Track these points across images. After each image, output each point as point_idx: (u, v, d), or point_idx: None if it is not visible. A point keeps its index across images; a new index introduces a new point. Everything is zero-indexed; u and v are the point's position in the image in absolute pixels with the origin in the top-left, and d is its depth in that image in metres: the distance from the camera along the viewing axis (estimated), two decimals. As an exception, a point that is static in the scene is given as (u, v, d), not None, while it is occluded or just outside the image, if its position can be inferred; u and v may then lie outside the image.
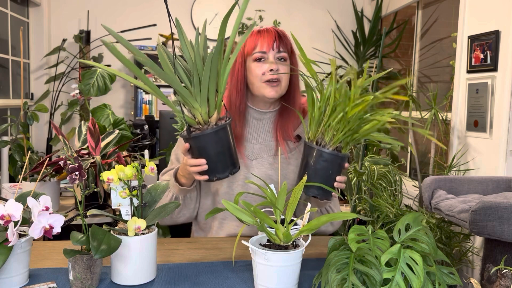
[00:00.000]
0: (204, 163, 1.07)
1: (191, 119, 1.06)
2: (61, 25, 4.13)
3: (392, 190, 2.69)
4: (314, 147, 1.08)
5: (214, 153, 1.06)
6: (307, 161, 1.10)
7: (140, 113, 4.22)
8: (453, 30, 2.91)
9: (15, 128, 2.23)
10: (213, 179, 1.09)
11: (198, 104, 1.03)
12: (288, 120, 1.34)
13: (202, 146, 1.06)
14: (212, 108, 1.05)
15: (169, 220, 1.34)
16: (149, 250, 0.95)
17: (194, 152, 1.09)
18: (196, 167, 1.08)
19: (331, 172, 1.09)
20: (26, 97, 3.93)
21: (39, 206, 0.88)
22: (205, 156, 1.07)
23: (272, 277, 0.88)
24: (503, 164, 2.37)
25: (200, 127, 1.06)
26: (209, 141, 1.05)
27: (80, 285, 0.90)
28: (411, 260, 0.82)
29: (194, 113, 1.06)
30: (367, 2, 4.52)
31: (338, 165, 1.09)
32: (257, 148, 1.35)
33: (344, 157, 1.10)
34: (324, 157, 1.07)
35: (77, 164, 0.92)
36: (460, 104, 2.75)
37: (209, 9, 4.36)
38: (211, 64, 0.97)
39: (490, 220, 1.57)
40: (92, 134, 1.55)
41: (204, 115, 1.05)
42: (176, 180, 1.28)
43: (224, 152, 1.07)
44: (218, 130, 1.05)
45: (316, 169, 1.08)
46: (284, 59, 1.29)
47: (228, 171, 1.09)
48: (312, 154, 1.08)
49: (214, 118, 1.06)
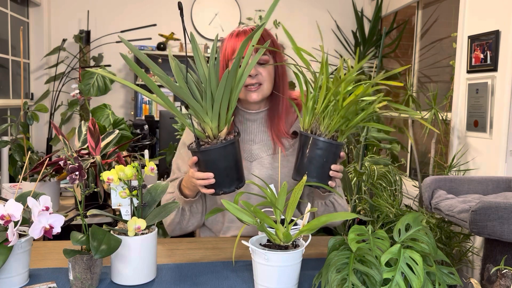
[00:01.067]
0: (211, 176, 1.07)
1: (201, 133, 1.07)
2: (61, 25, 4.13)
3: (392, 190, 2.69)
4: (308, 135, 1.09)
5: (222, 167, 1.06)
6: (303, 151, 1.11)
7: (140, 113, 4.22)
8: (453, 30, 2.91)
9: (15, 128, 2.23)
10: (219, 193, 1.09)
11: (209, 119, 1.04)
12: (278, 117, 1.33)
13: (210, 160, 1.06)
14: (222, 123, 1.06)
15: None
16: (149, 250, 0.95)
17: (202, 165, 1.09)
18: (203, 181, 1.08)
19: (325, 160, 1.09)
20: (26, 97, 3.93)
21: (39, 206, 0.88)
22: (212, 170, 1.07)
23: (272, 277, 0.88)
24: (503, 164, 2.37)
25: (209, 141, 1.06)
26: (218, 155, 1.05)
27: (80, 285, 0.90)
28: (411, 260, 0.82)
29: (204, 127, 1.06)
30: (367, 2, 4.52)
31: (333, 153, 1.10)
32: (256, 148, 1.35)
33: (339, 145, 1.10)
34: (319, 145, 1.08)
35: (77, 164, 0.92)
36: (460, 104, 2.75)
37: (209, 9, 4.36)
38: (226, 81, 0.98)
39: (490, 220, 1.57)
40: (92, 134, 1.55)
41: (214, 129, 1.05)
42: (180, 191, 1.27)
43: (231, 167, 1.07)
44: (227, 145, 1.05)
45: (310, 157, 1.09)
46: (264, 62, 1.28)
47: (234, 185, 1.09)
48: (307, 143, 1.10)
49: (224, 133, 1.06)
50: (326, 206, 1.30)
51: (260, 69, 1.27)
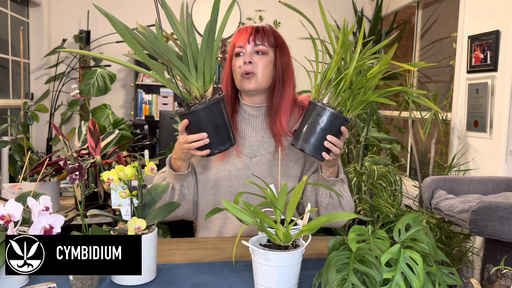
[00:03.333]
0: (205, 136, 1.09)
1: (187, 95, 1.08)
2: (61, 25, 4.13)
3: (392, 190, 2.69)
4: (314, 102, 1.12)
5: (214, 125, 1.09)
6: (305, 118, 1.14)
7: (140, 113, 4.22)
8: (453, 30, 2.91)
9: (15, 128, 2.23)
10: (214, 152, 1.11)
11: (194, 79, 1.06)
12: (277, 114, 1.34)
13: (201, 119, 1.08)
14: (207, 82, 1.08)
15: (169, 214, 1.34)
16: (149, 250, 0.95)
17: (193, 127, 1.10)
18: (197, 142, 1.10)
19: (325, 130, 1.10)
20: (26, 97, 3.93)
21: (39, 206, 0.88)
22: (204, 130, 1.09)
23: (272, 277, 0.88)
24: (503, 164, 2.37)
25: (197, 101, 1.08)
26: (208, 113, 1.07)
27: (80, 285, 0.90)
28: (411, 260, 0.82)
29: (190, 87, 1.08)
30: (367, 2, 4.52)
31: (335, 126, 1.11)
32: (256, 145, 1.35)
33: (342, 118, 1.11)
34: (321, 113, 1.10)
35: (77, 164, 0.92)
36: (460, 104, 2.75)
37: (209, 9, 4.35)
38: (208, 34, 1.00)
39: (490, 220, 1.57)
40: (92, 134, 1.55)
41: (201, 89, 1.07)
42: (171, 167, 1.28)
43: (222, 125, 1.10)
44: (215, 103, 1.07)
45: (311, 124, 1.11)
46: (262, 52, 1.32)
47: (228, 142, 1.12)
48: (311, 111, 1.12)
49: (210, 92, 1.08)
50: (331, 199, 1.29)
51: (256, 58, 1.31)
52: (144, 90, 4.24)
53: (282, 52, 1.35)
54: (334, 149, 1.13)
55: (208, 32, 1.00)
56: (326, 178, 1.24)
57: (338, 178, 1.27)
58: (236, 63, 1.33)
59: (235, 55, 1.34)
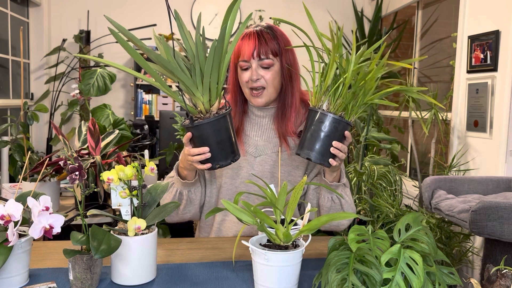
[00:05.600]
0: (207, 150, 1.09)
1: (193, 108, 1.08)
2: (61, 25, 4.13)
3: (392, 190, 2.69)
4: (314, 109, 1.11)
5: (217, 140, 1.08)
6: (307, 125, 1.13)
7: (140, 113, 4.22)
8: (453, 30, 2.91)
9: (15, 128, 2.23)
10: (215, 167, 1.11)
11: (200, 93, 1.05)
12: (286, 117, 1.34)
13: (204, 134, 1.08)
14: (213, 97, 1.07)
15: (176, 217, 1.35)
16: (149, 250, 0.95)
17: (196, 141, 1.10)
18: (199, 156, 1.10)
19: (328, 136, 1.10)
20: (26, 97, 3.93)
21: (39, 206, 0.88)
22: (207, 144, 1.09)
23: (272, 277, 0.88)
24: (503, 164, 2.37)
25: (201, 116, 1.08)
26: (211, 129, 1.07)
27: (80, 285, 0.90)
28: (411, 260, 0.82)
29: (195, 102, 1.07)
30: (367, 2, 4.52)
31: (338, 131, 1.11)
32: (261, 145, 1.36)
33: (344, 123, 1.11)
34: (323, 120, 1.10)
35: (77, 164, 0.92)
36: (460, 104, 2.75)
37: (209, 9, 4.36)
38: (215, 52, 0.99)
39: (490, 220, 1.57)
40: (92, 134, 1.55)
41: (206, 104, 1.07)
42: (179, 174, 1.29)
43: (226, 140, 1.09)
44: (220, 118, 1.07)
45: (313, 131, 1.11)
46: (268, 66, 1.28)
47: (230, 158, 1.11)
48: (313, 118, 1.12)
49: (215, 107, 1.08)
50: (333, 202, 1.29)
51: (263, 72, 1.28)
52: (144, 90, 4.25)
53: (287, 55, 1.32)
54: (340, 155, 1.13)
55: (214, 50, 0.98)
56: (329, 183, 1.25)
57: (340, 182, 1.27)
58: (243, 77, 1.31)
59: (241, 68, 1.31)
